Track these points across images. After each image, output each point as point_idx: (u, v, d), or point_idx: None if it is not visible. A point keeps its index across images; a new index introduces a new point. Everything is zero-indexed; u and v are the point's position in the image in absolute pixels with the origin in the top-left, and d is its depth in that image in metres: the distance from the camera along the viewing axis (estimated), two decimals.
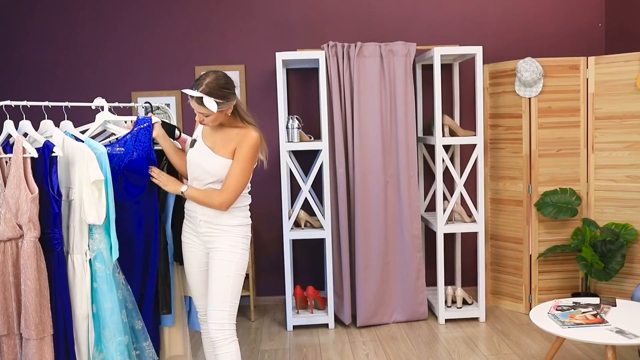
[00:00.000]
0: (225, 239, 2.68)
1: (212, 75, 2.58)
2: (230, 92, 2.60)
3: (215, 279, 2.65)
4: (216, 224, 2.69)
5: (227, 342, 2.65)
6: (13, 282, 2.22)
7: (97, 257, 2.44)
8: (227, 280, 2.65)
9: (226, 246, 2.68)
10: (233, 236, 2.69)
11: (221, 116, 2.62)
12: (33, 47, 4.66)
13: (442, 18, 4.77)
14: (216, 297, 2.65)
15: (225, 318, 2.65)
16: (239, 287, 2.68)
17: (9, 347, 2.26)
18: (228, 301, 2.65)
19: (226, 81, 2.60)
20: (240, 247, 2.69)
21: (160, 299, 2.79)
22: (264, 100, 4.74)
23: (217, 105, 2.55)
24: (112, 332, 2.47)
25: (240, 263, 2.68)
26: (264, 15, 4.71)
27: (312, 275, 4.87)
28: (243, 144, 2.61)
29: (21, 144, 2.22)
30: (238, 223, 2.71)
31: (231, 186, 2.61)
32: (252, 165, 2.65)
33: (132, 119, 2.82)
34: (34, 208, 2.20)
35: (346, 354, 3.83)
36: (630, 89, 4.15)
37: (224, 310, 2.64)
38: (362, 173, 4.22)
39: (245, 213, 2.76)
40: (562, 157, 4.36)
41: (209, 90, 2.54)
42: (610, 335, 2.87)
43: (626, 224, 4.16)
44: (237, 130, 2.66)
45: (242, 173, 2.62)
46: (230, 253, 2.67)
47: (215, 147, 2.67)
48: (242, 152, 2.61)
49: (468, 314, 4.31)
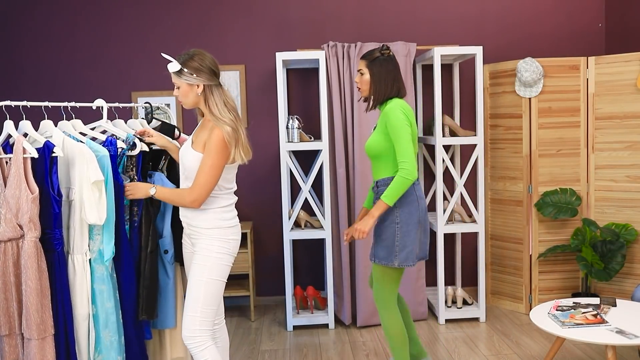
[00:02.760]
0: (201, 242, 2.59)
1: (197, 50, 2.57)
2: (200, 68, 2.52)
3: (190, 283, 2.58)
4: (194, 226, 2.61)
5: (200, 349, 2.56)
6: (14, 282, 2.22)
7: (97, 258, 2.45)
8: (199, 285, 2.54)
9: (201, 250, 2.58)
10: (208, 240, 2.58)
11: (191, 94, 2.55)
12: (33, 47, 4.66)
13: (442, 18, 4.77)
14: (188, 301, 2.56)
15: (196, 324, 2.54)
16: (214, 292, 2.56)
17: (10, 347, 2.26)
18: (199, 307, 2.54)
19: (203, 58, 2.54)
20: (214, 251, 2.57)
21: (141, 303, 2.67)
22: (264, 100, 4.74)
23: (181, 73, 2.51)
24: (112, 332, 2.47)
25: (214, 268, 2.56)
26: (264, 15, 4.71)
27: (312, 275, 4.87)
28: (210, 138, 2.52)
29: (21, 144, 2.22)
30: (214, 225, 2.58)
31: (200, 182, 2.51)
32: (221, 161, 2.52)
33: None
34: (35, 208, 2.20)
35: (346, 354, 3.83)
36: (630, 89, 4.15)
37: (194, 316, 2.55)
38: (362, 173, 4.22)
39: (224, 215, 2.61)
40: (562, 157, 4.36)
41: (183, 59, 2.53)
42: (611, 335, 2.87)
43: (626, 224, 4.16)
44: (212, 124, 2.57)
45: (211, 168, 2.50)
46: (204, 257, 2.56)
47: (195, 141, 2.61)
48: (209, 146, 2.51)
49: (468, 314, 4.31)
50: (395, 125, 2.91)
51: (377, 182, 3.08)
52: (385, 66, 3.03)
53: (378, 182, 3.07)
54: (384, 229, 3.02)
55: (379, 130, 3.02)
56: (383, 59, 3.04)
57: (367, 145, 3.05)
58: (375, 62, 3.03)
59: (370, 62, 3.04)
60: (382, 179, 3.05)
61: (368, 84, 3.06)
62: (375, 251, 3.06)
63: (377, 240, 3.05)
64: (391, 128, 2.92)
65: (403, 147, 2.89)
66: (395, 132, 2.91)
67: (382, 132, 3.00)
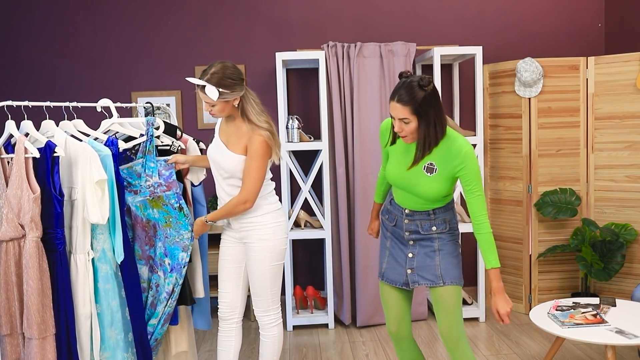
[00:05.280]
0: (256, 234, 2.75)
1: (219, 65, 2.61)
2: (235, 83, 2.61)
3: (254, 275, 2.77)
4: (245, 218, 2.76)
5: (271, 325, 2.84)
6: (15, 281, 2.22)
7: (101, 257, 2.45)
8: (265, 275, 2.77)
9: (257, 241, 2.75)
10: (263, 229, 2.75)
11: (228, 107, 2.65)
12: (33, 47, 4.66)
13: (442, 18, 4.77)
14: (256, 290, 2.80)
15: (269, 304, 2.81)
16: (278, 274, 2.80)
17: (12, 346, 2.26)
18: (269, 291, 2.79)
19: (232, 72, 2.61)
20: (271, 238, 2.75)
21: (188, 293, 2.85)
22: (264, 100, 4.74)
23: (220, 94, 2.57)
24: (118, 330, 2.47)
25: (274, 254, 2.77)
26: (264, 15, 4.71)
27: (312, 275, 4.88)
28: (252, 143, 2.64)
29: (23, 144, 2.22)
30: (265, 212, 2.76)
31: (249, 185, 2.65)
32: (266, 163, 2.68)
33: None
34: (36, 208, 2.20)
35: (346, 354, 3.84)
36: (630, 89, 4.16)
37: (266, 299, 2.80)
38: (362, 173, 4.22)
39: (271, 199, 2.79)
40: (562, 157, 4.37)
41: (213, 79, 2.57)
42: (610, 335, 2.87)
43: (626, 224, 4.17)
44: (248, 127, 2.67)
45: (257, 171, 2.65)
46: (263, 247, 2.74)
47: (229, 142, 2.70)
48: (253, 151, 2.64)
49: (468, 314, 4.31)
50: (477, 175, 2.46)
51: (434, 210, 2.59)
52: (434, 104, 2.39)
53: (436, 210, 2.59)
54: (447, 244, 2.60)
55: (443, 175, 2.50)
56: (429, 95, 2.38)
57: (426, 191, 2.50)
58: (423, 105, 2.37)
59: (419, 107, 2.37)
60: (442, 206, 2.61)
61: (416, 132, 2.44)
62: (444, 271, 2.56)
63: (445, 258, 2.58)
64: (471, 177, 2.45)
65: (483, 199, 2.48)
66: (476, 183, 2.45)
67: (447, 177, 2.50)
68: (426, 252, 2.60)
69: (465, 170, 2.44)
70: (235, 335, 2.91)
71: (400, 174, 2.55)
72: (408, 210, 2.61)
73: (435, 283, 2.56)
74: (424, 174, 2.50)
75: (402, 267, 2.64)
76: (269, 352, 2.87)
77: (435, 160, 2.49)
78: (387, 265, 2.70)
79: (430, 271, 2.58)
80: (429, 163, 2.50)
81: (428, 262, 2.59)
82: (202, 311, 3.09)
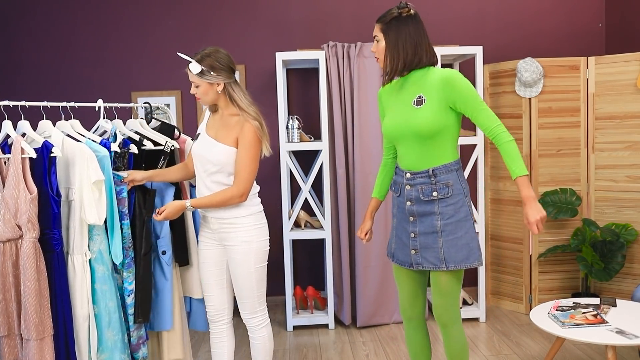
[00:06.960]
0: (238, 235, 2.69)
1: (213, 48, 2.64)
2: (221, 67, 2.61)
3: (238, 277, 2.72)
4: (227, 219, 2.69)
5: (260, 327, 2.80)
6: (13, 282, 2.22)
7: (97, 258, 2.44)
8: (250, 277, 2.72)
9: (240, 243, 2.69)
10: (246, 230, 2.69)
11: (211, 92, 2.64)
12: (33, 47, 4.66)
13: (442, 18, 4.76)
14: (242, 292, 2.75)
15: (255, 306, 2.77)
16: (262, 276, 2.76)
17: (9, 347, 2.26)
18: (255, 293, 2.75)
19: (222, 57, 2.63)
20: (255, 240, 2.71)
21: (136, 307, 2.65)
22: (264, 101, 4.74)
23: (203, 73, 2.58)
24: (115, 331, 2.47)
25: (258, 255, 2.72)
26: (264, 15, 4.71)
27: (312, 276, 4.87)
28: (243, 133, 2.62)
29: (19, 145, 2.21)
30: (248, 213, 2.71)
31: (244, 176, 2.63)
32: (258, 153, 2.66)
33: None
34: (33, 208, 2.20)
35: (346, 354, 3.83)
36: (630, 89, 4.15)
37: (253, 302, 2.76)
38: (362, 173, 4.21)
39: (254, 201, 2.75)
40: (562, 157, 4.36)
41: (200, 58, 2.60)
42: (611, 335, 2.86)
43: (626, 224, 4.16)
44: (237, 119, 2.66)
45: (251, 161, 2.64)
46: (246, 249, 2.69)
47: (218, 136, 2.68)
48: (245, 141, 2.62)
49: (468, 314, 4.30)
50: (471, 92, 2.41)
51: (434, 170, 2.50)
52: (406, 26, 2.46)
53: (436, 169, 2.50)
54: (458, 226, 2.50)
55: (433, 105, 2.45)
56: (403, 18, 2.47)
57: (418, 123, 2.45)
58: (392, 24, 2.47)
59: (386, 26, 2.48)
60: (442, 165, 2.50)
61: (384, 53, 2.52)
62: (448, 254, 2.49)
63: (450, 240, 2.50)
64: (465, 97, 2.41)
65: (489, 111, 2.42)
66: (474, 100, 2.41)
67: (438, 107, 2.44)
68: (427, 230, 2.53)
69: (456, 93, 2.42)
70: (227, 335, 2.89)
71: (394, 121, 2.55)
72: (409, 174, 2.55)
73: (438, 267, 2.51)
74: (414, 108, 2.49)
75: (408, 248, 2.60)
76: (261, 354, 2.84)
77: (424, 91, 2.48)
78: (396, 245, 2.68)
79: (433, 253, 2.52)
80: (417, 96, 2.49)
81: (431, 243, 2.52)
82: (200, 312, 3.08)
